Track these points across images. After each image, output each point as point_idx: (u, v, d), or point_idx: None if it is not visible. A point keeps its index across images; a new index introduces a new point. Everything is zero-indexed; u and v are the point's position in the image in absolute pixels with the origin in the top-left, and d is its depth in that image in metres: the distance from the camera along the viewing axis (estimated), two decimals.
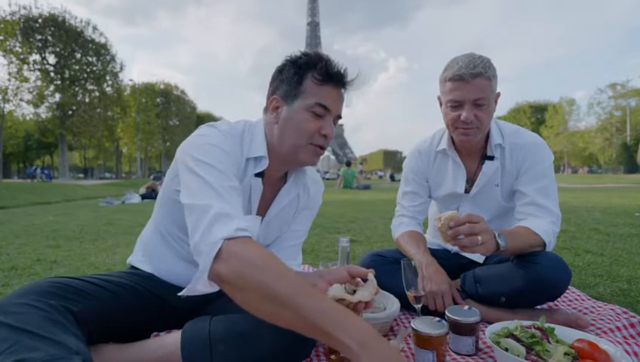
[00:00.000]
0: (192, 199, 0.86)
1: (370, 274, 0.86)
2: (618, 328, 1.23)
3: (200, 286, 0.79)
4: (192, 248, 0.82)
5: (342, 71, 1.02)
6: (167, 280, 1.12)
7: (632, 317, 1.31)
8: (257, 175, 1.06)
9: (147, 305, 1.04)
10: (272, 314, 0.73)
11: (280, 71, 1.06)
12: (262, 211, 1.14)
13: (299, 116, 1.01)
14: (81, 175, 52.85)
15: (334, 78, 1.01)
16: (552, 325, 1.04)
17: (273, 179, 1.14)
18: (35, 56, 25.05)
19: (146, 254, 1.16)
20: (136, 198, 8.90)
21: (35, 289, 0.83)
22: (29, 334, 0.71)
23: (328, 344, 0.70)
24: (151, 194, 9.21)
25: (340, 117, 1.08)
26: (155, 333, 1.06)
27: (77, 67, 27.26)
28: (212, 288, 0.81)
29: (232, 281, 0.75)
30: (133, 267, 1.17)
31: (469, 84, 1.28)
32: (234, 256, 0.75)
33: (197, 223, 0.81)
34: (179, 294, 0.97)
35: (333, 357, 1.04)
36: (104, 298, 0.94)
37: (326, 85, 1.01)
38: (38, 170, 30.00)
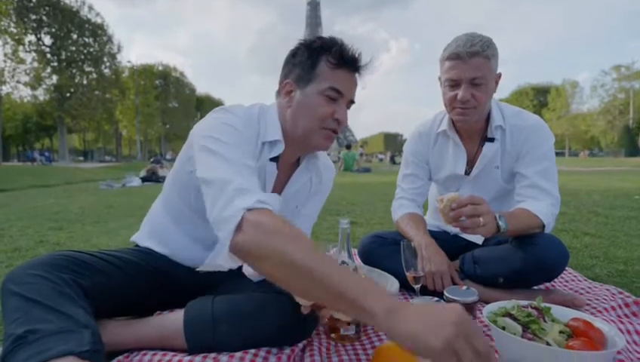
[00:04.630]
0: (211, 174, 0.85)
1: None
2: (613, 307, 1.24)
3: (220, 259, 0.79)
4: (212, 222, 0.81)
5: (356, 55, 1.00)
6: (177, 260, 1.12)
7: (627, 297, 1.33)
8: (272, 159, 1.05)
9: (154, 283, 1.06)
10: (297, 286, 0.73)
11: (293, 55, 1.04)
12: None
13: (312, 100, 1.00)
14: (81, 158, 52.73)
15: (348, 63, 1.00)
16: (549, 305, 1.05)
17: (287, 164, 1.13)
18: (31, 37, 24.64)
19: (155, 234, 1.16)
20: (136, 181, 8.92)
21: (48, 261, 0.85)
22: (39, 305, 0.74)
23: (349, 311, 0.67)
24: (151, 177, 9.26)
25: (353, 102, 1.06)
26: (158, 312, 1.07)
27: (73, 48, 26.81)
28: (232, 262, 0.79)
29: (251, 251, 0.74)
30: (137, 245, 1.18)
31: (466, 63, 1.26)
32: (253, 226, 0.74)
33: (216, 197, 0.81)
34: (197, 269, 0.99)
35: (333, 335, 1.06)
36: (113, 274, 0.95)
37: (340, 69, 1.00)
38: (37, 154, 29.85)
